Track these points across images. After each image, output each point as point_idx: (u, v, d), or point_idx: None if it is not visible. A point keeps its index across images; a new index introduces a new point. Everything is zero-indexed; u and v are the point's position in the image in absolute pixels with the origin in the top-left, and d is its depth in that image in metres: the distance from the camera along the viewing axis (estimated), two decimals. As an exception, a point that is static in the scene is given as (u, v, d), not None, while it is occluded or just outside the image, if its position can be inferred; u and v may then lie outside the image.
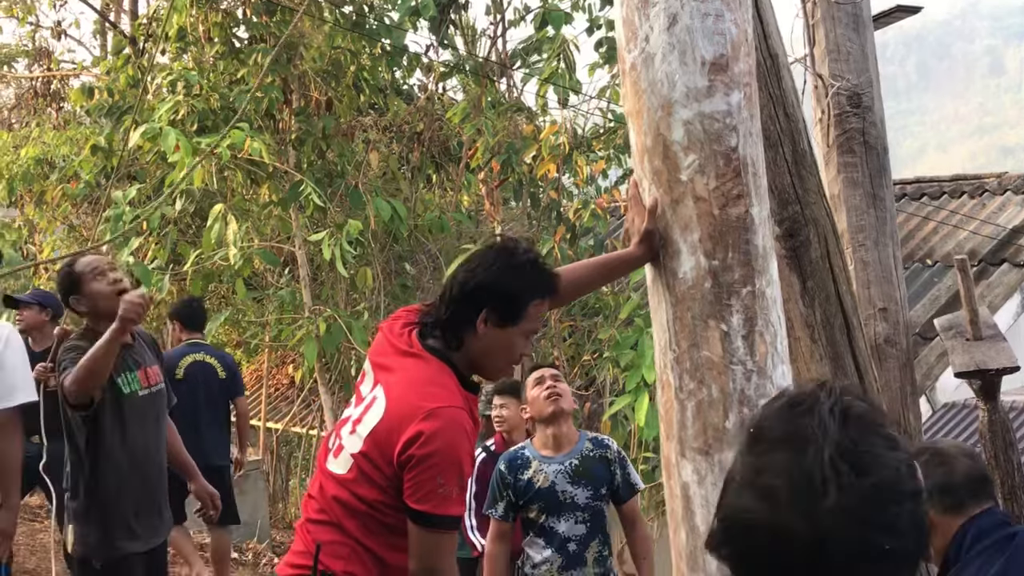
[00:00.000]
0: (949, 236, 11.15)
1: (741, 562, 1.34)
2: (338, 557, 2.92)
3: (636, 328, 8.86)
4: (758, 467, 1.32)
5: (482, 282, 2.96)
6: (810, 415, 1.33)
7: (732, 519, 1.34)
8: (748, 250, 2.92)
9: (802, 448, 1.30)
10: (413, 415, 2.85)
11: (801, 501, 1.28)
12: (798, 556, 1.28)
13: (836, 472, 1.27)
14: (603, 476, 4.78)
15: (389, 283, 10.55)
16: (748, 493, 1.32)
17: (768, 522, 1.29)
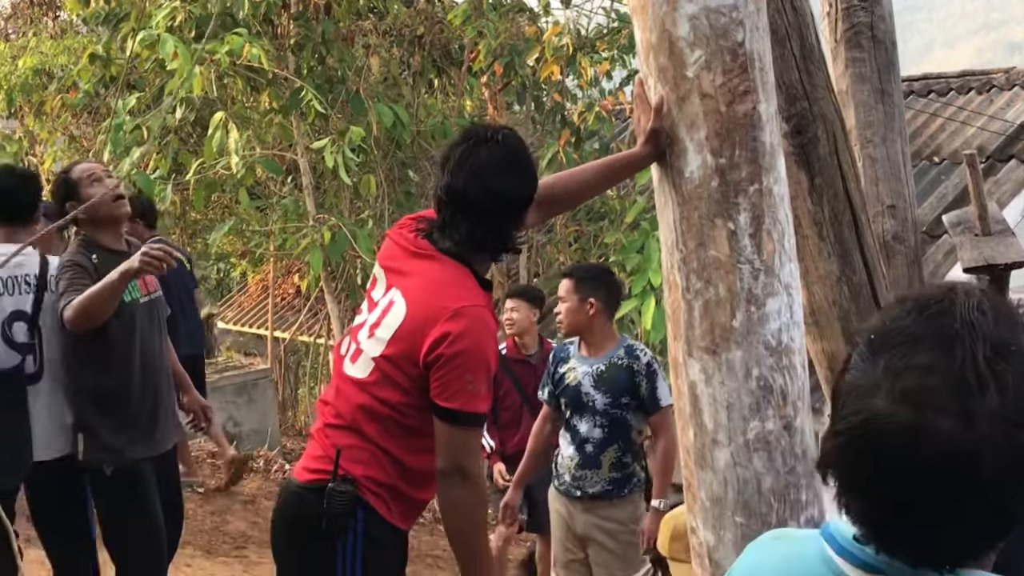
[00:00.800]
0: (956, 133, 11.05)
1: (863, 477, 1.25)
2: (358, 462, 2.94)
3: (642, 231, 8.84)
4: (894, 370, 1.21)
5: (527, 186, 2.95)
6: (949, 315, 1.23)
7: (860, 427, 1.23)
8: (755, 147, 2.89)
9: (949, 348, 1.20)
10: (438, 316, 2.87)
11: (956, 402, 1.18)
12: (944, 463, 1.18)
13: (993, 372, 1.18)
14: (625, 385, 4.84)
15: (393, 190, 10.51)
16: (883, 397, 1.21)
17: (914, 424, 1.18)
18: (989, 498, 1.19)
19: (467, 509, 2.95)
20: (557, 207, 3.38)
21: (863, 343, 1.29)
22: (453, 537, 3.04)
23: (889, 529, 1.26)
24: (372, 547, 2.93)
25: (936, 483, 1.19)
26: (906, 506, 1.22)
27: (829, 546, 1.36)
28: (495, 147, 2.92)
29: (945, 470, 1.18)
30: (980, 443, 1.16)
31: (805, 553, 1.38)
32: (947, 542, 1.24)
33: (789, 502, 2.92)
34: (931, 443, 1.17)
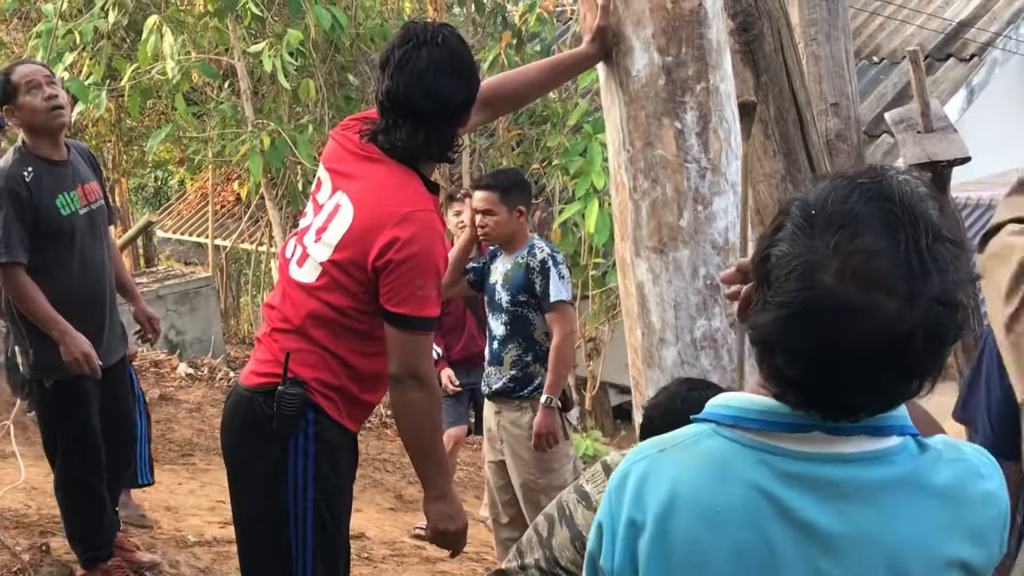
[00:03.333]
0: (896, 32, 11.07)
1: (804, 348, 1.30)
2: (307, 365, 2.93)
3: (585, 134, 8.80)
4: (843, 251, 1.26)
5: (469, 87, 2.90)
6: (890, 199, 1.29)
7: (808, 302, 1.28)
8: (702, 45, 2.88)
9: (893, 232, 1.26)
10: (387, 221, 2.83)
11: (901, 285, 1.25)
12: (884, 340, 1.26)
13: (933, 257, 1.26)
14: (521, 283, 4.87)
15: (332, 95, 10.34)
16: (832, 275, 1.26)
17: (861, 304, 1.25)
18: (914, 369, 1.30)
19: (421, 411, 2.96)
20: (502, 107, 3.34)
21: (800, 216, 1.32)
22: (408, 440, 3.05)
23: (817, 392, 1.32)
24: (323, 448, 2.94)
25: (872, 357, 1.27)
26: (840, 374, 1.29)
27: (741, 429, 1.39)
28: (434, 49, 2.86)
29: (884, 346, 1.26)
30: (918, 323, 1.25)
31: (714, 449, 1.40)
32: (870, 401, 1.33)
33: (736, 398, 2.96)
34: (875, 322, 1.25)
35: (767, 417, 1.37)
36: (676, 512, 1.39)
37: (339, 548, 3.10)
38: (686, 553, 1.39)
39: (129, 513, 5.25)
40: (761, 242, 1.36)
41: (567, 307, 4.79)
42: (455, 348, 6.60)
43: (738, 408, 1.39)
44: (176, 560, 4.97)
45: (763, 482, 1.36)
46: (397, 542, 6.22)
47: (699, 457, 1.40)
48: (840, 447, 1.35)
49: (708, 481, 1.38)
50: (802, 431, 1.35)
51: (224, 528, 5.42)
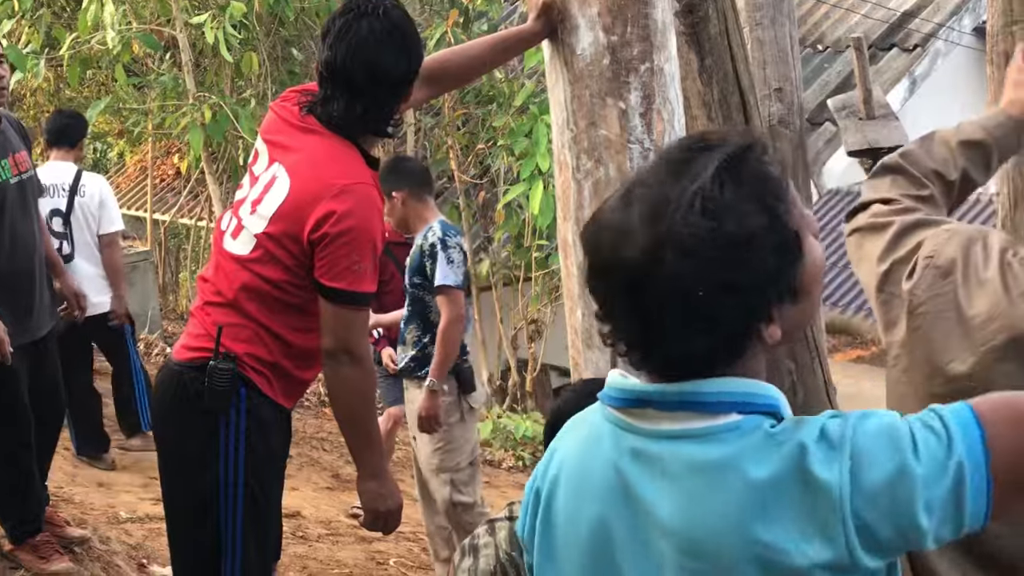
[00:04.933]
0: (840, 21, 11.15)
1: (593, 287, 1.40)
2: (239, 339, 2.89)
3: (531, 115, 8.78)
4: (640, 181, 1.37)
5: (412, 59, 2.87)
6: (702, 159, 1.34)
7: (590, 237, 1.39)
8: (647, 25, 2.86)
9: (678, 176, 1.33)
10: (324, 193, 2.80)
11: (652, 209, 1.32)
12: (633, 260, 1.32)
13: (689, 206, 1.30)
14: (416, 266, 4.93)
15: (276, 69, 10.21)
16: (616, 198, 1.38)
17: (618, 224, 1.35)
18: (684, 320, 1.32)
19: (355, 388, 2.93)
20: (446, 83, 3.31)
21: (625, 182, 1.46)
22: (341, 417, 3.02)
23: (623, 338, 1.38)
24: (256, 424, 2.90)
25: (632, 282, 1.33)
26: (620, 308, 1.36)
27: (608, 406, 1.44)
28: (376, 20, 2.82)
29: (635, 267, 1.32)
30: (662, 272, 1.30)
31: (593, 424, 1.47)
32: (671, 346, 1.35)
33: (674, 380, 2.96)
34: (620, 270, 1.33)
35: (616, 394, 1.42)
36: (560, 483, 1.47)
37: (270, 525, 3.07)
38: (562, 525, 1.46)
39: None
40: None
41: (453, 291, 4.78)
42: (396, 327, 6.56)
43: (608, 386, 1.45)
44: (107, 536, 4.91)
45: (616, 457, 1.40)
46: (333, 521, 6.19)
47: (583, 432, 1.48)
48: (668, 424, 1.36)
49: (582, 456, 1.45)
50: (638, 407, 1.39)
51: (157, 505, 5.34)
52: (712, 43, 3.46)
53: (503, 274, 10.28)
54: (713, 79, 3.48)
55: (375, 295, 4.95)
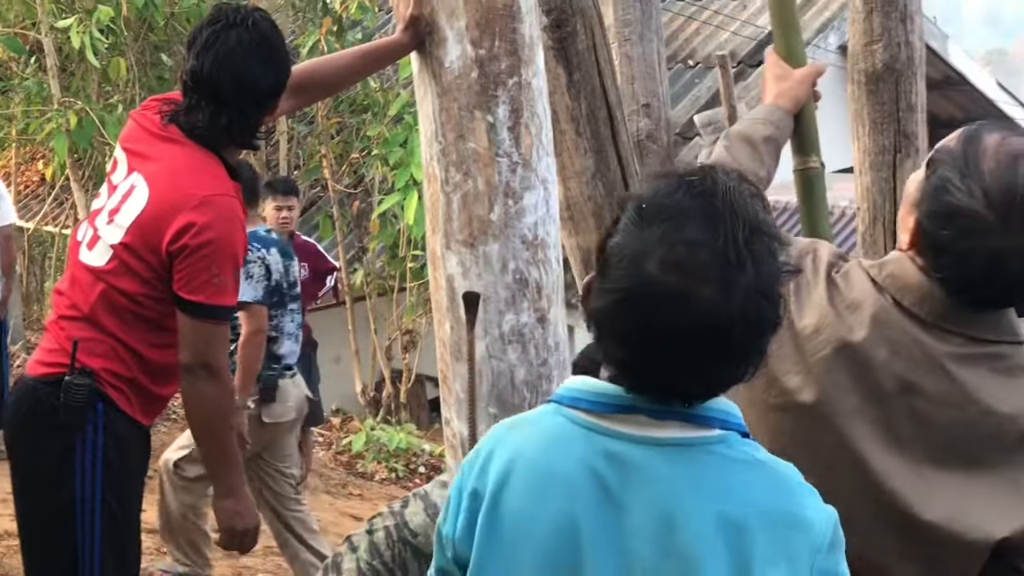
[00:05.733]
0: (711, 37, 11.37)
1: (631, 332, 1.40)
2: (96, 354, 2.82)
3: (406, 125, 8.77)
4: (666, 241, 1.36)
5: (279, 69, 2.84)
6: (712, 194, 1.38)
7: (633, 289, 1.38)
8: (515, 39, 2.88)
9: (714, 225, 1.36)
10: (183, 204, 2.75)
11: (718, 274, 1.35)
12: (703, 326, 1.35)
13: (749, 250, 1.35)
14: None
15: (145, 75, 10.02)
16: (655, 264, 1.36)
17: (681, 291, 1.35)
18: (734, 354, 1.40)
19: (213, 404, 2.88)
20: (314, 93, 3.29)
21: (633, 209, 1.42)
22: (198, 433, 2.97)
23: (645, 374, 1.42)
24: (113, 441, 2.83)
25: (693, 342, 1.37)
26: (664, 357, 1.39)
27: (576, 409, 1.48)
28: (244, 31, 2.80)
29: (703, 331, 1.36)
30: (735, 311, 1.35)
31: (553, 426, 1.49)
32: (695, 384, 1.43)
33: (541, 393, 2.97)
34: (694, 309, 1.35)
35: (597, 398, 1.47)
36: (511, 482, 1.48)
37: (129, 542, 3.00)
38: (513, 522, 1.47)
39: None
40: (601, 234, 1.48)
41: (251, 307, 4.72)
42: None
43: (577, 390, 1.50)
44: (-37, 555, 4.74)
45: (589, 458, 1.44)
46: (200, 537, 6.05)
47: (538, 432, 1.50)
48: (656, 431, 1.44)
49: (542, 454, 1.47)
50: (626, 412, 1.45)
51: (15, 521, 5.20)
52: (580, 58, 3.49)
53: (377, 284, 10.23)
54: (581, 94, 3.51)
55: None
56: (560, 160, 3.47)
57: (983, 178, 1.76)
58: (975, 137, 1.82)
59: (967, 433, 1.80)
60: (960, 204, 1.76)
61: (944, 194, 1.78)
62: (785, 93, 2.46)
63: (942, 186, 1.79)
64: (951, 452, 1.81)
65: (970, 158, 1.78)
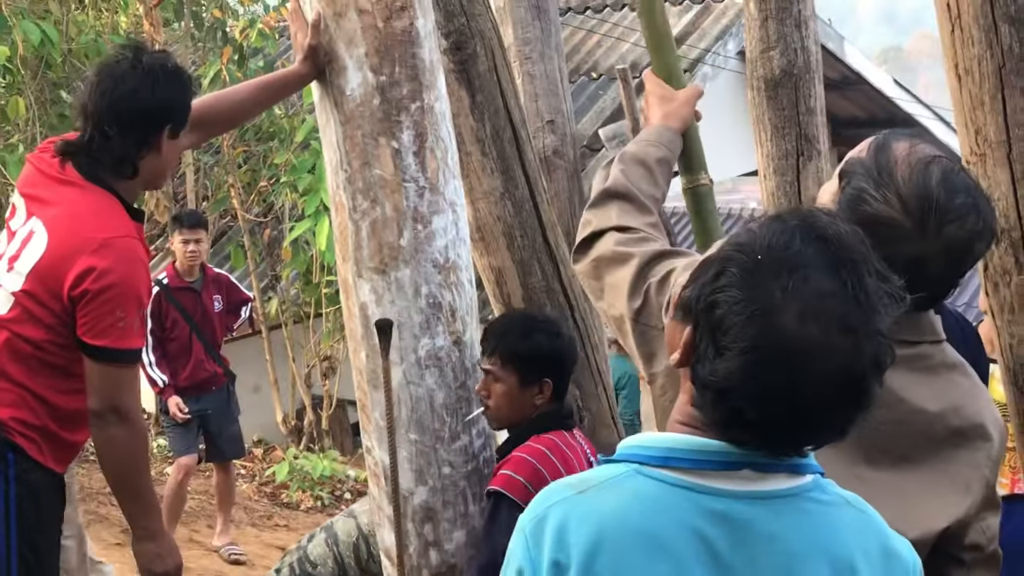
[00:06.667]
0: (612, 49, 11.48)
1: (767, 390, 1.34)
2: (3, 404, 2.77)
3: (313, 151, 8.72)
4: (798, 294, 1.33)
5: (160, 101, 2.81)
6: (824, 240, 1.36)
7: (766, 347, 1.33)
8: (415, 64, 2.89)
9: (836, 272, 1.34)
10: (83, 247, 2.71)
11: (853, 322, 1.33)
12: (841, 375, 1.33)
13: (875, 294, 1.34)
14: None
15: (45, 113, 9.84)
16: (791, 318, 1.32)
17: (820, 342, 1.32)
18: (864, 400, 1.37)
19: (126, 449, 2.83)
20: (216, 127, 3.27)
21: (747, 263, 1.36)
22: (112, 479, 2.92)
23: (775, 431, 1.37)
24: (26, 491, 2.77)
25: (832, 393, 1.34)
26: (801, 412, 1.35)
27: (668, 468, 1.40)
28: (132, 63, 2.79)
29: (842, 381, 1.33)
30: (867, 356, 1.34)
31: (641, 487, 1.40)
32: (819, 436, 1.40)
33: (460, 416, 2.98)
34: (834, 359, 1.32)
35: (697, 456, 1.40)
36: (604, 550, 1.37)
37: (48, 593, 2.94)
38: None
39: None
40: (697, 288, 1.40)
41: None
42: (183, 374, 6.40)
43: (665, 448, 1.42)
44: None
45: (693, 520, 1.37)
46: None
47: (626, 497, 1.40)
48: (760, 485, 1.39)
49: (638, 519, 1.38)
50: (733, 469, 1.39)
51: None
52: (482, 80, 3.50)
53: (293, 312, 10.14)
54: (485, 115, 3.53)
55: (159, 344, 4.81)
56: (467, 182, 3.48)
57: (898, 186, 1.81)
58: (885, 146, 1.86)
59: (898, 431, 1.85)
60: (878, 213, 1.80)
61: (861, 204, 1.82)
62: (672, 114, 2.45)
63: (858, 196, 1.83)
64: (884, 451, 1.84)
65: (882, 167, 1.83)
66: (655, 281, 2.02)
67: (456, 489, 2.98)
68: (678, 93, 2.51)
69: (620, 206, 2.22)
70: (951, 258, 1.82)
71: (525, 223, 3.64)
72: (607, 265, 2.14)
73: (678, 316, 1.45)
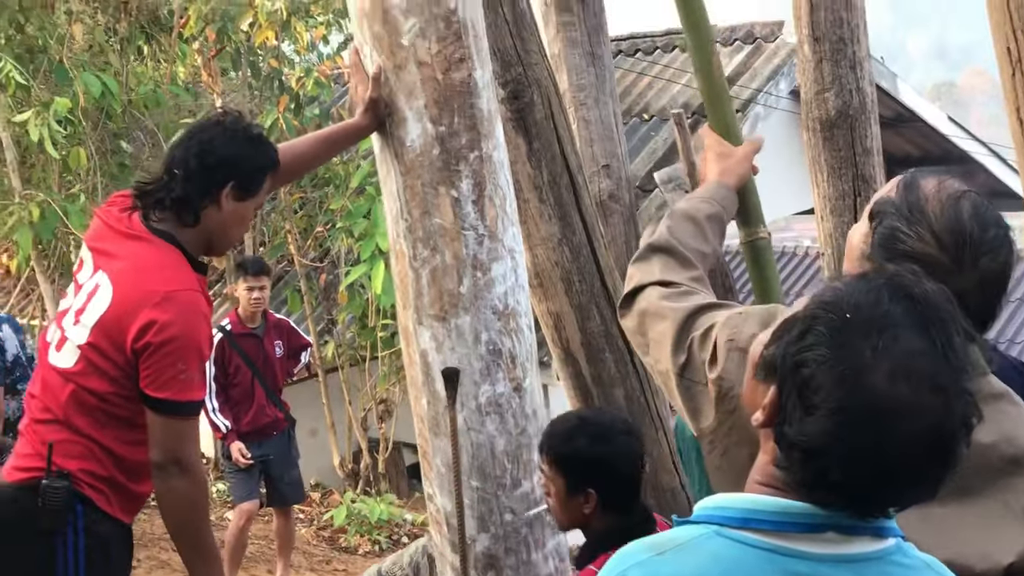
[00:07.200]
0: (664, 90, 11.50)
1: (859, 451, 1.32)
2: (71, 456, 2.81)
3: (368, 196, 8.80)
4: (890, 354, 1.32)
5: (227, 155, 2.88)
6: (911, 298, 1.35)
7: (857, 407, 1.31)
8: (474, 114, 2.92)
9: (926, 331, 1.33)
10: (146, 301, 2.75)
11: (944, 380, 1.31)
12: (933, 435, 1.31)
13: (962, 353, 1.34)
14: None
15: (105, 162, 10.01)
16: (882, 378, 1.31)
17: (910, 404, 1.30)
18: (953, 460, 1.35)
19: (187, 500, 2.86)
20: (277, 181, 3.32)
21: (835, 322, 1.35)
22: (173, 530, 2.94)
23: (863, 492, 1.35)
24: (95, 542, 2.81)
25: (923, 453, 1.32)
26: (890, 473, 1.33)
27: (748, 530, 1.38)
28: (221, 123, 2.89)
29: (933, 441, 1.32)
30: (957, 415, 1.32)
31: (722, 549, 1.38)
32: (907, 497, 1.38)
33: (522, 463, 2.98)
34: (926, 419, 1.30)
35: (781, 518, 1.38)
36: None
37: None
38: None
39: None
40: (782, 347, 1.39)
41: None
42: (244, 419, 6.46)
43: (746, 509, 1.40)
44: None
45: None
46: (188, 625, 5.99)
47: (706, 559, 1.37)
48: (844, 548, 1.37)
49: None
50: (817, 531, 1.37)
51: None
52: (539, 127, 3.53)
53: (349, 355, 10.20)
54: (542, 162, 3.56)
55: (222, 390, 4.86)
56: (525, 228, 3.51)
57: (930, 222, 1.82)
58: (913, 184, 1.88)
59: None
60: (914, 250, 1.81)
61: (895, 242, 1.83)
62: (728, 171, 2.47)
63: (891, 235, 1.84)
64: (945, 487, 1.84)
65: (913, 205, 1.84)
66: (697, 335, 2.02)
67: (518, 536, 2.98)
68: (735, 149, 2.53)
69: (663, 260, 2.23)
70: (988, 290, 1.83)
71: (583, 268, 3.65)
72: (650, 320, 2.13)
73: (760, 375, 1.43)
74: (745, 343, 1.94)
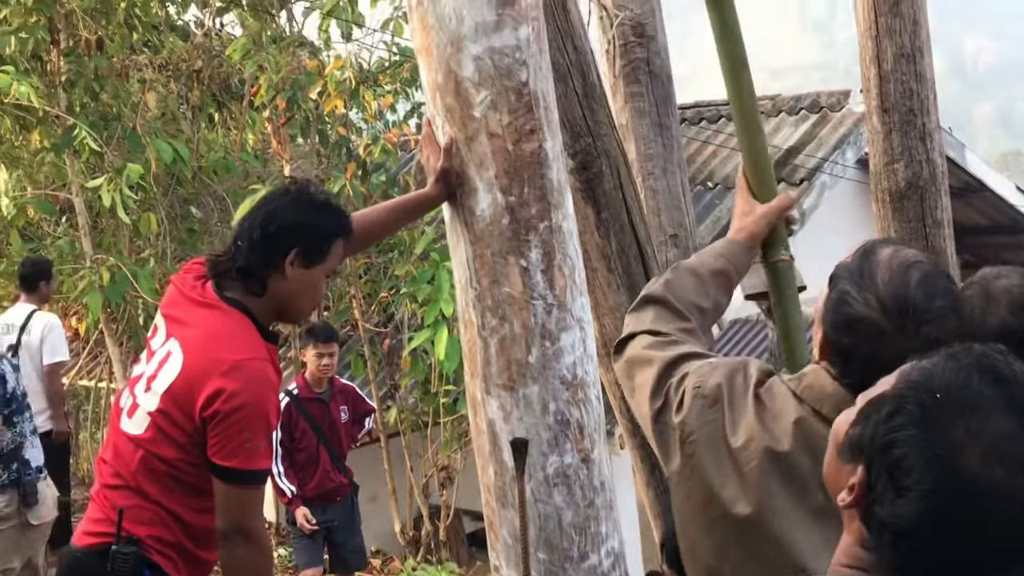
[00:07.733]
0: (728, 158, 11.50)
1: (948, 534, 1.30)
2: (140, 522, 2.83)
3: (432, 262, 8.84)
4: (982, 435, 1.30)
5: (289, 223, 2.91)
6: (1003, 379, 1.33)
7: (950, 489, 1.29)
8: (544, 185, 2.93)
9: (1018, 411, 1.31)
10: (214, 369, 2.78)
11: None
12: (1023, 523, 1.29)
13: None
14: None
15: (175, 228, 10.20)
16: (975, 459, 1.29)
17: (1006, 484, 1.28)
18: None
19: (252, 569, 2.86)
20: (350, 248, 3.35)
21: (926, 402, 1.34)
22: None
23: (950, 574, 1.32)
24: None
25: (1015, 534, 1.29)
26: (983, 556, 1.30)
27: None
28: (290, 191, 2.93)
29: None
30: None
31: None
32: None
33: (590, 535, 2.95)
34: (1019, 500, 1.29)
35: None
36: None
37: None
38: None
39: None
40: (870, 427, 1.38)
41: None
42: (310, 484, 6.48)
43: None
44: None
45: None
46: None
47: None
48: None
49: None
50: None
51: None
52: (607, 197, 3.55)
53: (411, 421, 10.21)
54: (611, 232, 3.56)
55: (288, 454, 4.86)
56: (594, 297, 3.51)
57: (877, 288, 1.89)
58: (870, 251, 1.96)
59: None
60: (858, 314, 1.89)
61: (844, 306, 1.92)
62: (744, 228, 2.59)
63: (842, 298, 1.93)
64: None
65: (865, 271, 1.92)
66: (674, 382, 2.15)
67: (585, 609, 2.94)
68: (757, 207, 2.63)
69: (656, 311, 2.35)
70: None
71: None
72: (636, 366, 2.27)
73: (844, 455, 1.42)
74: (711, 392, 2.09)
